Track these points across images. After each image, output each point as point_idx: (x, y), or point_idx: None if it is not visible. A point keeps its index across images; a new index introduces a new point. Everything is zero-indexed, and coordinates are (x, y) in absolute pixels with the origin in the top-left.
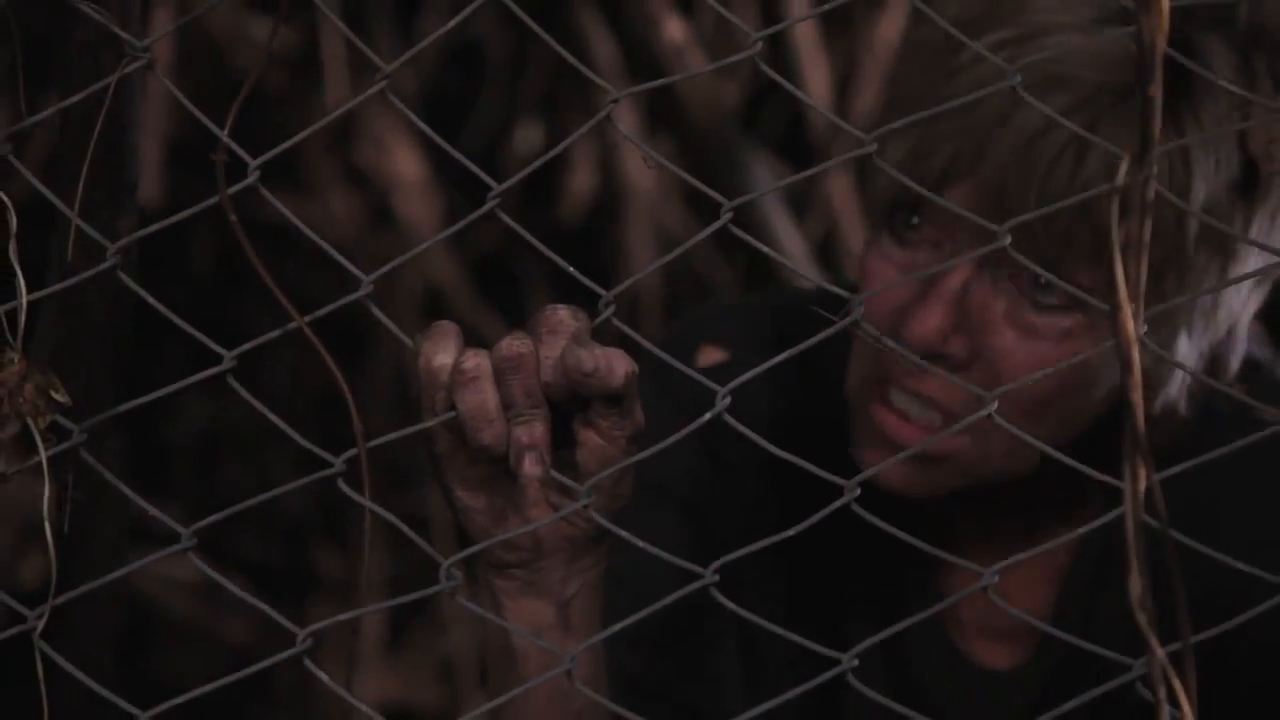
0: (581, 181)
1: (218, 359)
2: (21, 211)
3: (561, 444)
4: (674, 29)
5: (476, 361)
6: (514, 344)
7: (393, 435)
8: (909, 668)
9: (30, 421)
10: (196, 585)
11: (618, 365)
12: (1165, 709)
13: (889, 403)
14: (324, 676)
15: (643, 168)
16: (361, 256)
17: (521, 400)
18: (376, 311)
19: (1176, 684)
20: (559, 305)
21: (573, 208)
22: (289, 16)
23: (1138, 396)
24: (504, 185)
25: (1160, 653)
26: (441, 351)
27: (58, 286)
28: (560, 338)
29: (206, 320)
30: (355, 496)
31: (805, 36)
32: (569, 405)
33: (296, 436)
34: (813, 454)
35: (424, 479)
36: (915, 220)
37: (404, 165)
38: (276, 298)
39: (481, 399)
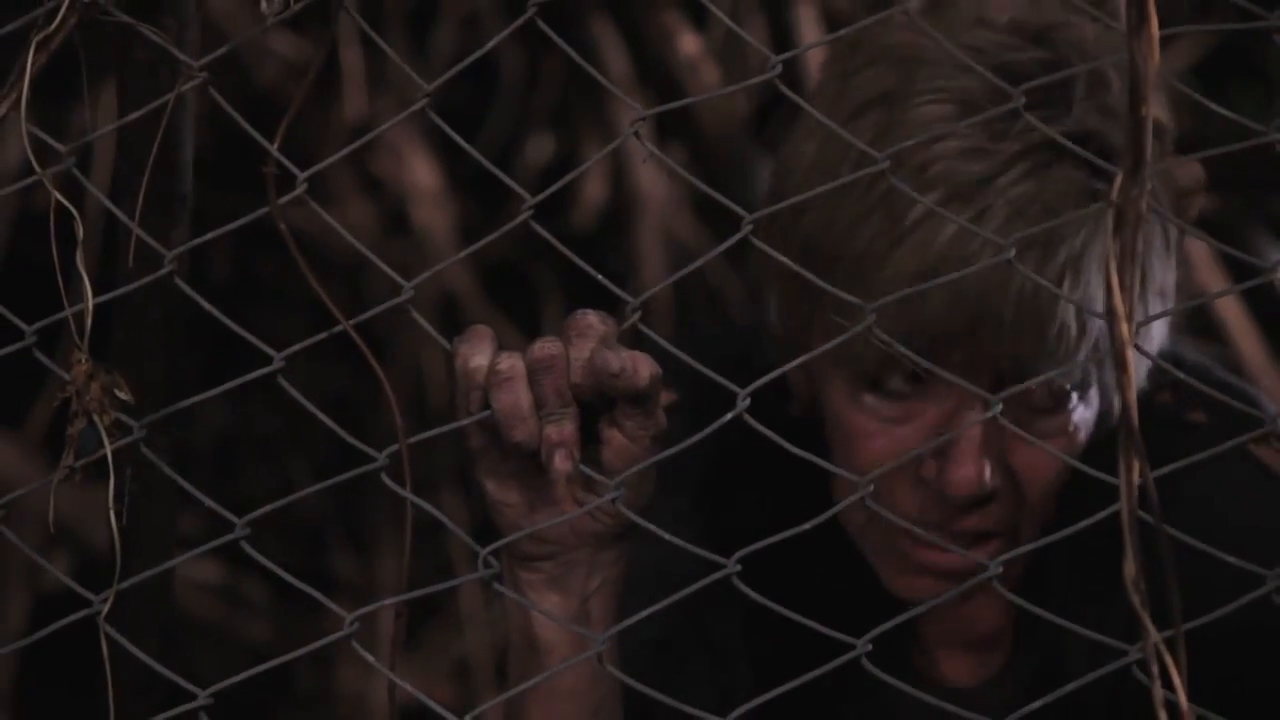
0: (593, 190)
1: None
2: (46, 219)
3: (589, 442)
4: (689, 43)
5: (511, 363)
6: (546, 346)
7: (432, 432)
8: (878, 698)
9: (96, 418)
10: (217, 587)
11: (643, 367)
12: (1159, 690)
13: (924, 542)
14: (370, 657)
15: (654, 176)
16: (376, 266)
17: (553, 399)
18: (416, 316)
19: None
20: (588, 310)
21: (585, 215)
22: (308, 29)
23: (1131, 396)
24: (538, 197)
25: (1155, 635)
26: (478, 353)
27: (120, 291)
28: (589, 340)
29: (224, 330)
30: (398, 489)
31: (813, 49)
32: (596, 405)
33: (342, 433)
34: (762, 489)
35: (441, 483)
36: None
37: (420, 175)
38: (321, 301)
39: (515, 398)
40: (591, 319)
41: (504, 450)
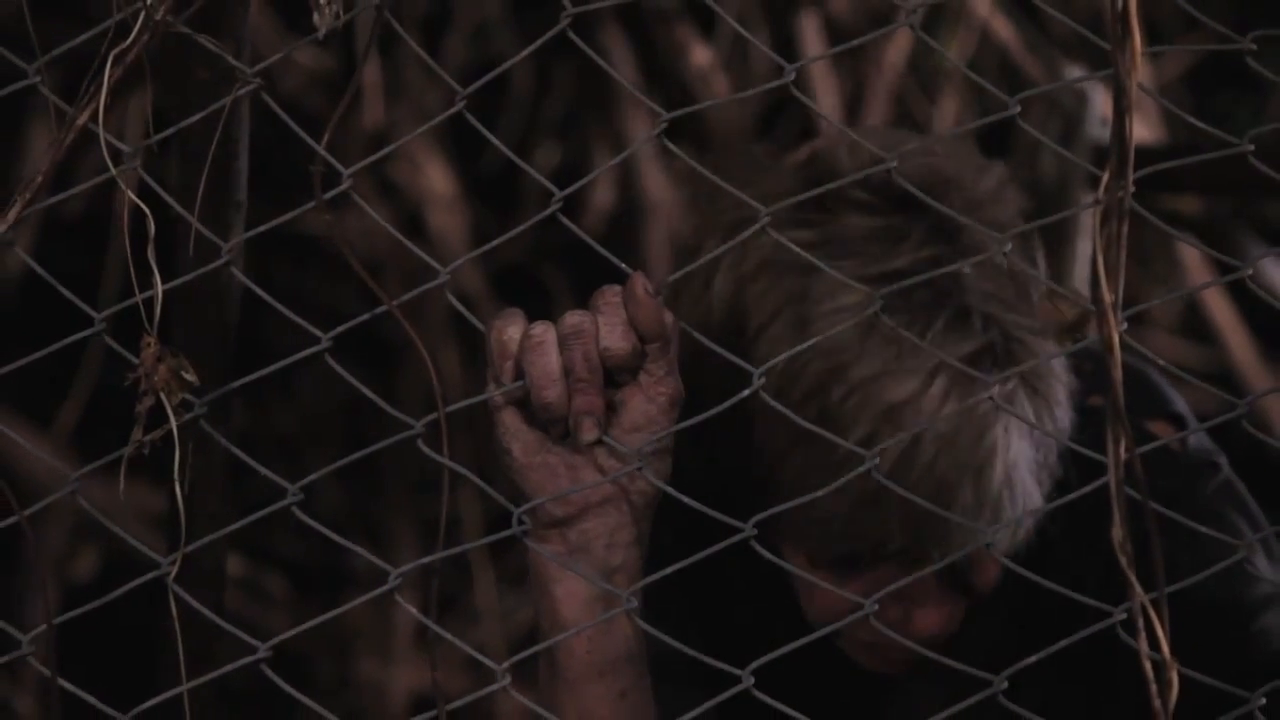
0: (602, 195)
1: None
2: (75, 227)
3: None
4: (700, 55)
5: (544, 329)
6: (576, 316)
7: (467, 401)
8: (821, 695)
9: (164, 397)
10: (238, 581)
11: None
12: (1145, 646)
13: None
14: (412, 609)
15: (661, 182)
16: (393, 268)
17: (581, 364)
18: (452, 299)
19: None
20: (615, 285)
21: (594, 221)
22: (328, 41)
23: (1117, 374)
24: (568, 190)
25: (1142, 596)
26: (512, 326)
27: (181, 280)
28: (616, 309)
29: (242, 338)
30: (434, 456)
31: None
32: (620, 376)
33: (381, 403)
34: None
35: (458, 481)
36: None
37: (435, 181)
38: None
39: (547, 361)
40: (619, 290)
41: (534, 412)
